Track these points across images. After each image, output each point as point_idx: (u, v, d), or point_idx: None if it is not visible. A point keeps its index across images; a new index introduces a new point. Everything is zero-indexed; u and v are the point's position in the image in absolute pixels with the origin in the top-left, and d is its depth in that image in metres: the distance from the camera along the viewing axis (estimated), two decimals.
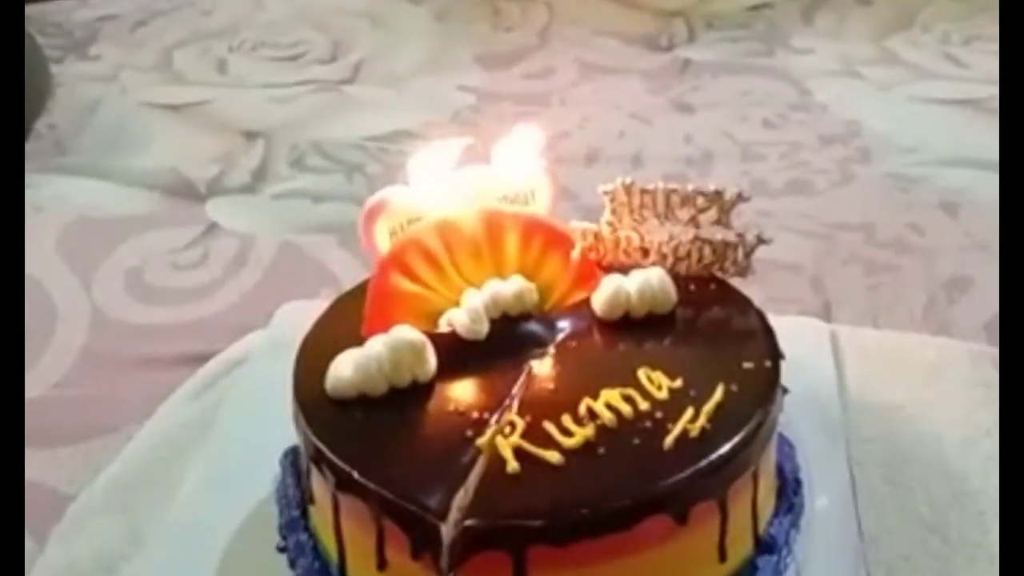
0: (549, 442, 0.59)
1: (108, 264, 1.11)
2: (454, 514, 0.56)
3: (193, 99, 1.45)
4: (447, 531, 0.55)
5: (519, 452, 0.58)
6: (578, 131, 1.37)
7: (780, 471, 0.66)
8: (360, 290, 0.71)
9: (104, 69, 1.53)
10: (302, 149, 1.32)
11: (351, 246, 1.08)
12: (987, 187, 1.18)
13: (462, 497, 0.56)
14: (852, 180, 1.22)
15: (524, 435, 0.59)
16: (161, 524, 0.71)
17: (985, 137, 1.28)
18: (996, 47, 1.49)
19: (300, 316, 0.73)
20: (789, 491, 0.66)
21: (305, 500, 0.66)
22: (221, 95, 1.46)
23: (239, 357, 0.87)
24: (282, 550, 0.66)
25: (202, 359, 0.92)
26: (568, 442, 0.58)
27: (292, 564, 0.65)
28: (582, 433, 0.59)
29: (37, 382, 0.94)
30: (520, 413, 0.61)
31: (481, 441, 0.59)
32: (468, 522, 0.55)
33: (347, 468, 0.58)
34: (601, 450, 0.58)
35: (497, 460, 0.58)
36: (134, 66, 1.54)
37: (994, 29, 1.54)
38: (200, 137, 1.36)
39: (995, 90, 1.37)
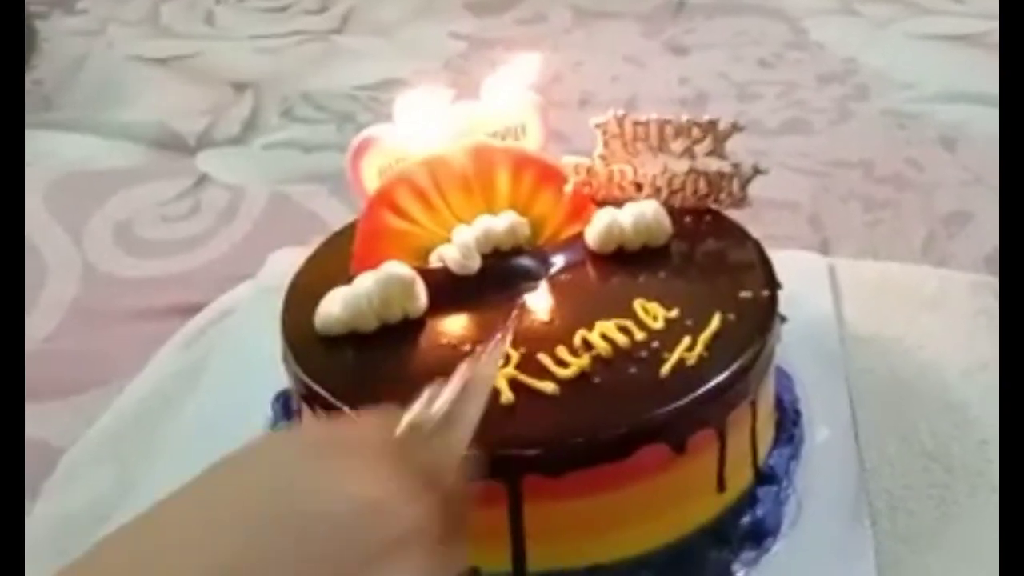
0: (544, 373, 0.58)
1: (97, 218, 1.10)
2: None
3: (181, 52, 1.43)
4: None
5: (513, 383, 0.57)
6: (571, 75, 1.35)
7: (779, 403, 0.65)
8: (349, 230, 0.69)
9: (90, 23, 1.51)
10: (292, 100, 1.31)
11: (342, 195, 1.07)
12: (985, 121, 1.17)
13: None
14: (849, 118, 1.20)
15: (518, 366, 0.58)
16: (152, 471, 0.70)
17: (982, 72, 1.26)
18: None
19: (290, 262, 0.72)
20: (789, 423, 0.65)
21: None
22: (209, 47, 1.44)
23: (229, 306, 0.86)
24: None
25: (193, 310, 0.91)
26: (562, 372, 0.58)
27: None
28: (577, 363, 0.58)
29: (28, 337, 0.93)
30: (514, 345, 0.60)
31: None
32: None
33: (338, 403, 0.57)
34: (596, 379, 0.57)
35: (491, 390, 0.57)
36: (121, 20, 1.52)
37: None
38: (189, 90, 1.35)
39: (992, 25, 1.36)
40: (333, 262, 0.67)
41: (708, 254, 0.67)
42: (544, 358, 0.58)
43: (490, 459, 0.53)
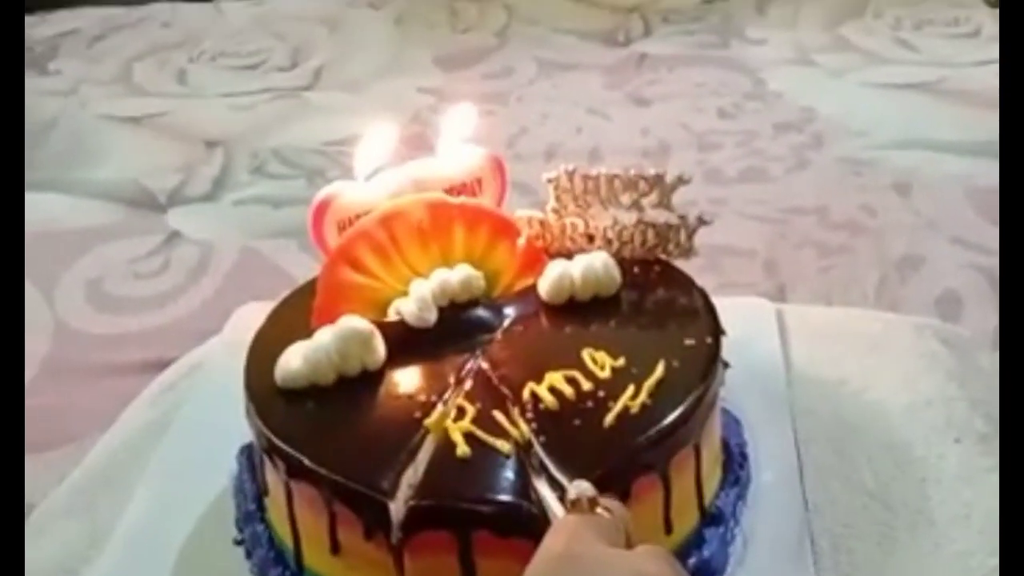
0: (498, 430, 0.60)
1: (69, 276, 1.12)
2: (404, 491, 0.57)
3: (153, 110, 1.46)
4: (396, 509, 0.56)
5: (470, 437, 0.59)
6: (537, 128, 1.38)
7: (726, 445, 0.67)
8: (311, 286, 0.71)
9: (63, 84, 1.54)
10: (262, 156, 1.33)
11: (312, 250, 1.08)
12: (937, 166, 1.20)
13: (411, 476, 0.57)
14: (806, 165, 1.24)
15: (475, 421, 0.60)
16: (120, 525, 0.71)
17: (935, 118, 1.30)
18: (946, 31, 1.52)
19: (256, 317, 0.74)
20: (735, 464, 0.67)
21: (261, 492, 0.67)
22: (181, 105, 1.47)
23: (197, 361, 0.87)
24: (239, 543, 0.67)
25: (164, 366, 0.92)
26: (514, 432, 0.59)
27: (248, 555, 0.66)
28: (523, 428, 0.59)
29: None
30: (469, 398, 0.62)
31: (429, 421, 0.60)
32: (414, 502, 0.56)
33: (297, 455, 0.59)
34: (542, 439, 0.59)
35: (446, 443, 0.59)
36: (93, 80, 1.54)
37: (944, 13, 1.56)
38: (160, 148, 1.37)
39: (945, 72, 1.40)
40: (294, 317, 0.69)
41: (656, 303, 0.70)
42: (499, 415, 0.60)
43: (442, 510, 0.56)
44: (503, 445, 0.59)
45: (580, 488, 0.52)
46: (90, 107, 1.47)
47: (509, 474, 0.57)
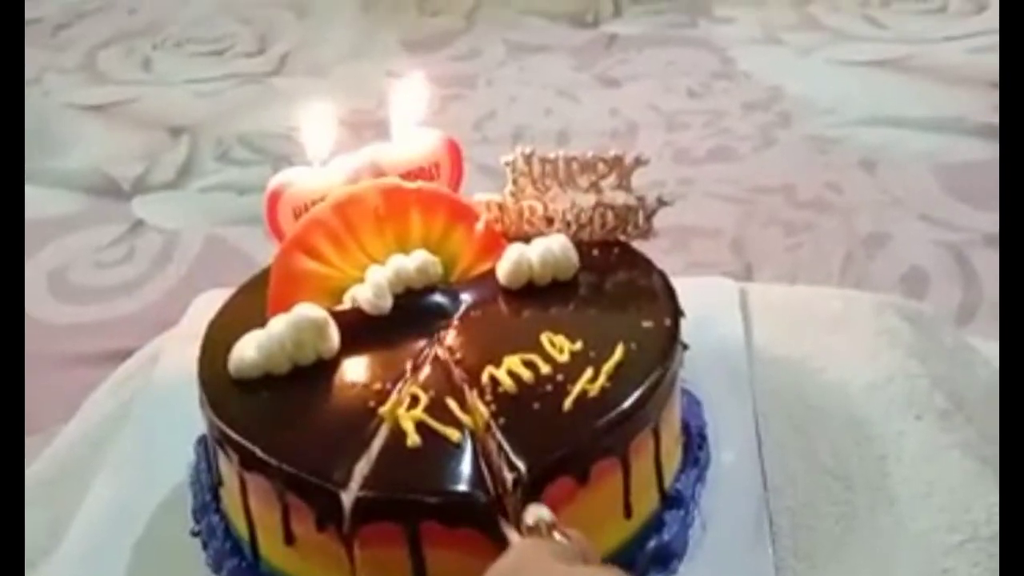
0: (450, 419, 0.59)
1: (32, 266, 1.11)
2: (357, 481, 0.56)
3: (118, 98, 1.44)
4: (348, 499, 0.55)
5: (421, 426, 0.58)
6: (505, 111, 1.38)
7: (686, 427, 0.67)
8: (265, 275, 0.71)
9: (27, 73, 1.52)
10: (228, 143, 1.33)
11: None
12: (905, 144, 1.20)
13: (364, 466, 0.57)
14: (773, 144, 1.24)
15: (427, 409, 0.59)
16: (78, 518, 0.70)
17: (903, 95, 1.30)
18: (914, 7, 1.51)
19: (215, 306, 0.73)
20: (695, 446, 0.66)
21: (216, 483, 0.66)
22: (146, 93, 1.46)
23: (156, 351, 0.86)
24: (196, 534, 0.66)
25: (128, 355, 0.92)
26: (467, 420, 0.59)
27: (205, 546, 0.65)
28: (480, 411, 0.59)
29: None
30: (424, 387, 0.61)
31: (383, 410, 0.59)
32: (362, 493, 0.55)
33: (249, 446, 0.58)
34: (501, 421, 0.58)
35: (398, 432, 0.58)
36: (57, 68, 1.53)
37: None
38: (125, 136, 1.36)
39: (912, 49, 1.40)
40: (249, 306, 0.68)
41: (615, 285, 0.69)
42: (451, 403, 0.60)
43: (388, 501, 0.55)
44: (453, 434, 0.58)
45: (538, 514, 0.51)
46: (54, 96, 1.46)
47: (459, 464, 0.57)
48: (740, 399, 0.71)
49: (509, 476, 0.55)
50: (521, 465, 0.55)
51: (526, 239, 0.72)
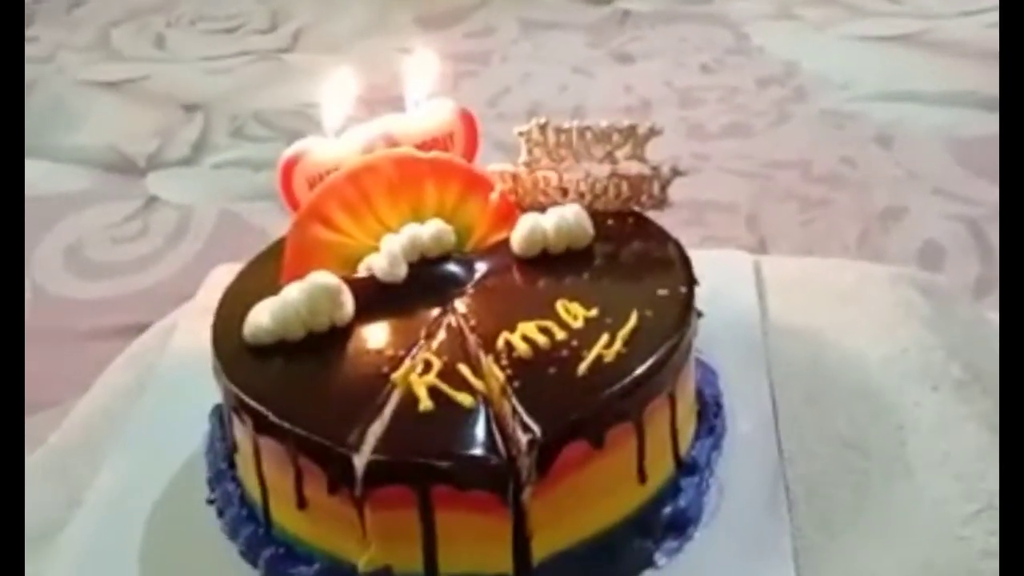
0: (463, 384, 0.59)
1: (47, 241, 1.11)
2: (369, 444, 0.56)
3: (131, 75, 1.45)
4: (360, 462, 0.55)
5: (434, 391, 0.58)
6: (519, 87, 1.37)
7: (701, 395, 0.67)
8: (280, 245, 0.71)
9: (41, 50, 1.52)
10: (242, 119, 1.33)
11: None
12: (920, 118, 1.20)
13: (377, 429, 0.57)
14: (788, 119, 1.23)
15: (440, 375, 0.59)
16: (95, 490, 0.71)
17: (918, 70, 1.29)
18: None
19: (230, 279, 0.73)
20: (710, 414, 0.66)
21: (231, 451, 0.66)
22: (159, 70, 1.46)
23: (172, 323, 0.86)
24: (211, 502, 0.66)
25: (143, 330, 0.92)
26: (480, 385, 0.59)
27: (220, 514, 0.65)
28: (495, 376, 0.59)
29: None
30: (438, 353, 0.61)
31: (396, 375, 0.59)
32: (374, 456, 0.55)
33: (262, 410, 0.59)
34: (516, 384, 0.58)
35: (411, 397, 0.58)
36: (71, 46, 1.53)
37: None
38: (139, 112, 1.36)
39: (928, 24, 1.39)
40: (264, 275, 0.69)
41: (629, 255, 0.69)
42: (465, 369, 0.60)
43: (400, 465, 0.55)
44: (466, 399, 0.58)
45: None
46: (68, 73, 1.46)
47: (472, 429, 0.57)
48: (755, 370, 0.71)
49: (523, 438, 0.55)
50: (536, 428, 0.55)
51: (541, 209, 0.72)
